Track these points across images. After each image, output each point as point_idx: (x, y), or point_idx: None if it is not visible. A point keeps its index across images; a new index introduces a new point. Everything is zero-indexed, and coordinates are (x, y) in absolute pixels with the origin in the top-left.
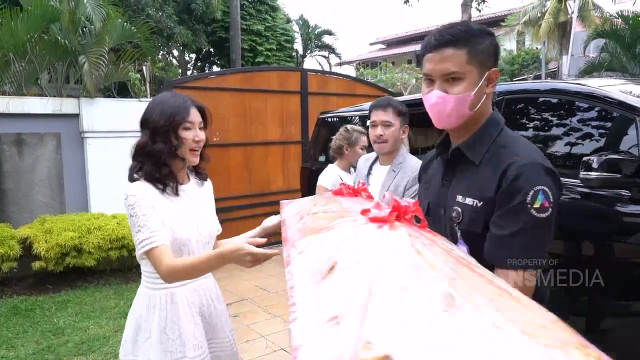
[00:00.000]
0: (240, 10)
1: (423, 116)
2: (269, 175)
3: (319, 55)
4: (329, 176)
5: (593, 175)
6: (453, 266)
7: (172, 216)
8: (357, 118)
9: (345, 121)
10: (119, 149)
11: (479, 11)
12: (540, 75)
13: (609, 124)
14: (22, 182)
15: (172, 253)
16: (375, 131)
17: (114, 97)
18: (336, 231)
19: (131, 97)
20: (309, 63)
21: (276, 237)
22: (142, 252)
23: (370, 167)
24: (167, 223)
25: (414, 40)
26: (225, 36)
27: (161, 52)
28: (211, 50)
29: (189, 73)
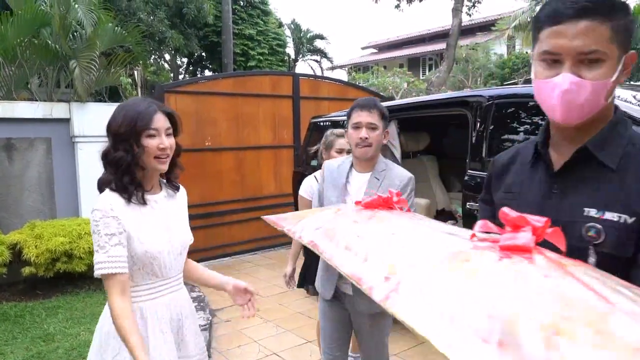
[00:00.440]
0: (232, 14)
1: (415, 120)
2: (261, 179)
3: (311, 59)
4: (304, 184)
5: None
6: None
7: (141, 228)
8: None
9: (337, 125)
10: None
11: (470, 16)
12: (530, 79)
13: None
14: (12, 187)
15: (129, 280)
16: (359, 133)
17: (105, 102)
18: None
19: (122, 102)
20: (301, 67)
21: (268, 242)
22: (97, 275)
23: (347, 175)
24: (135, 235)
25: (405, 44)
26: (217, 40)
27: (153, 57)
28: (203, 54)
29: (181, 77)
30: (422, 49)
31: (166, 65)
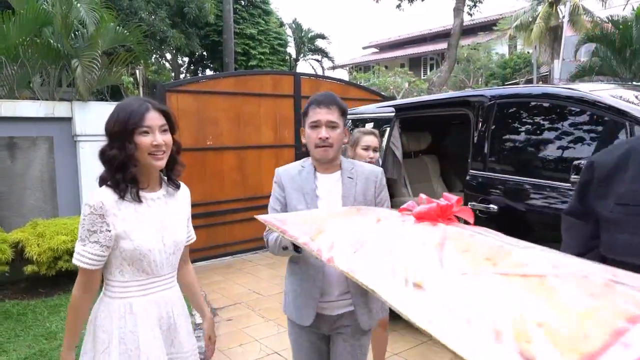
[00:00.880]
0: (233, 14)
1: (417, 120)
2: (262, 178)
3: (312, 59)
4: None
5: None
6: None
7: (133, 225)
8: (350, 122)
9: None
10: None
11: (471, 15)
12: (532, 79)
13: (600, 128)
14: (15, 186)
15: (120, 275)
16: (318, 133)
17: (107, 101)
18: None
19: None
20: (302, 67)
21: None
22: (73, 263)
23: (313, 179)
24: (126, 231)
25: (407, 44)
26: (218, 40)
27: (154, 56)
28: (204, 53)
29: (182, 76)
30: (424, 49)
31: (167, 64)
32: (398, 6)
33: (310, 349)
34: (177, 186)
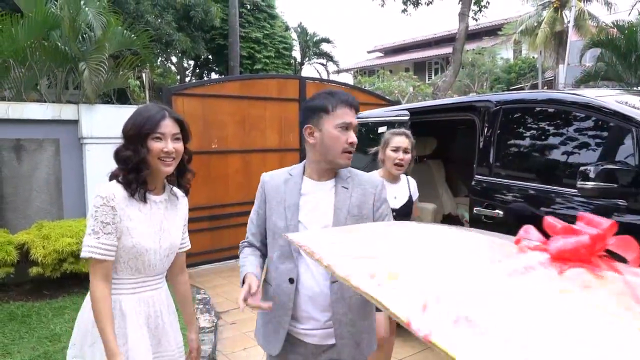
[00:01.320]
0: (239, 18)
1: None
2: None
3: (317, 62)
4: None
5: (590, 184)
6: None
7: (136, 223)
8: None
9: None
10: None
11: (476, 20)
12: (537, 84)
13: (606, 134)
14: (21, 188)
15: (114, 272)
16: (349, 136)
17: (113, 104)
18: None
19: (130, 104)
20: (307, 71)
21: None
22: (83, 256)
23: (299, 189)
24: (128, 228)
25: (412, 48)
26: (224, 43)
27: (160, 59)
28: (210, 57)
29: (188, 80)
30: (428, 53)
31: (173, 67)
32: (403, 10)
33: None
34: (186, 192)
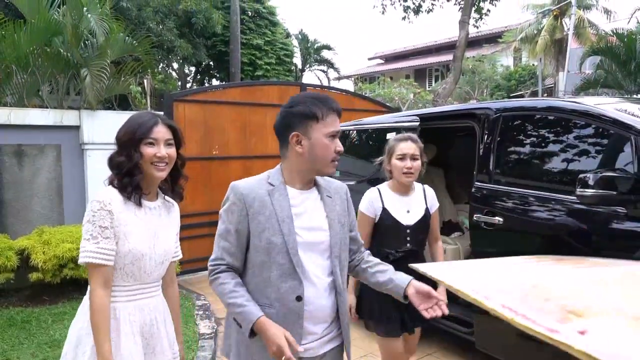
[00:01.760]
0: (240, 24)
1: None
2: None
3: (318, 69)
4: (365, 198)
5: (589, 192)
6: None
7: (132, 227)
8: (358, 133)
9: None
10: None
11: (477, 28)
12: (537, 91)
13: (605, 142)
14: (22, 193)
15: (117, 274)
16: (335, 145)
17: (115, 110)
18: None
19: (132, 110)
20: (308, 77)
21: None
22: (82, 262)
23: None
24: (124, 232)
25: (412, 55)
26: (225, 50)
27: (161, 65)
28: (211, 63)
29: (189, 86)
30: (429, 60)
31: (174, 73)
32: (404, 18)
33: None
34: (180, 197)
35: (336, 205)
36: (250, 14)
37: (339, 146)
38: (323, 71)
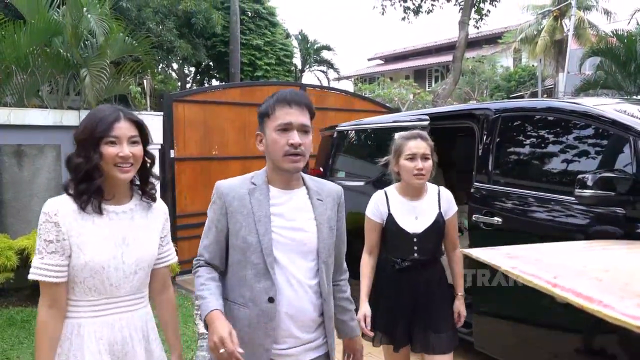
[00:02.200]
0: (240, 25)
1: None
2: None
3: (318, 70)
4: (371, 203)
5: (587, 192)
6: None
7: (87, 238)
8: (358, 133)
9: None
10: None
11: (477, 28)
12: (536, 92)
13: (604, 143)
14: (21, 193)
15: (70, 294)
16: (289, 137)
17: None
18: None
19: (132, 110)
20: (308, 78)
21: None
22: (29, 278)
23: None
24: (78, 244)
25: (412, 56)
26: (224, 50)
27: (161, 65)
28: (210, 64)
29: (188, 86)
30: (429, 61)
31: (174, 74)
32: (403, 18)
33: None
34: (153, 199)
35: (327, 209)
36: (250, 15)
37: (292, 138)
38: (323, 72)
